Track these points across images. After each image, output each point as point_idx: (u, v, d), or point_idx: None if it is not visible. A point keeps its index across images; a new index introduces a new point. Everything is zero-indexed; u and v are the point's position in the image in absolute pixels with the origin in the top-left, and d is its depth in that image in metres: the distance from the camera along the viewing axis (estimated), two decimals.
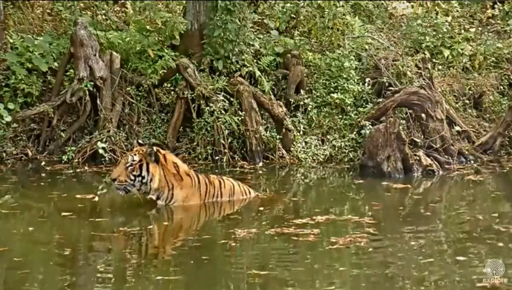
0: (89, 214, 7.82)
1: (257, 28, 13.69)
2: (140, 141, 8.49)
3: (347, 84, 12.49)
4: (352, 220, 7.61)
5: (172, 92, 12.17)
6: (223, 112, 11.50)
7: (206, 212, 8.10)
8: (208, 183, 8.23)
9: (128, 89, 11.83)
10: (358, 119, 11.91)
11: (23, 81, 11.29)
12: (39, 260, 6.34)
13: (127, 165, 7.83)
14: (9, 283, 5.63)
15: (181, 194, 8.00)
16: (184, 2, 13.72)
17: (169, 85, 12.29)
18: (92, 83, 11.32)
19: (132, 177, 7.80)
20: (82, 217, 7.68)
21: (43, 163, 10.84)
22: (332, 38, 13.74)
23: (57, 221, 7.63)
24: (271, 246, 6.76)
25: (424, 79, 12.33)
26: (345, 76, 12.58)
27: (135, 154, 7.90)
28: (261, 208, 8.26)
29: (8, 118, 10.96)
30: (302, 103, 12.29)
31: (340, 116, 12.25)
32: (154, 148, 8.04)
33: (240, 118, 11.50)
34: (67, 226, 7.47)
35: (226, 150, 11.34)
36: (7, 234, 7.15)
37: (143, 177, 7.83)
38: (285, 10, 14.17)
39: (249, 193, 8.64)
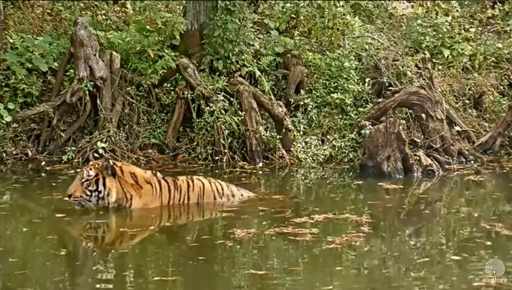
0: (88, 215, 7.79)
1: (257, 28, 13.69)
2: (96, 155, 8.35)
3: (347, 84, 12.49)
4: (351, 220, 7.61)
5: (172, 92, 12.18)
6: (223, 112, 11.50)
7: (205, 213, 8.10)
8: (173, 189, 8.05)
9: (128, 89, 11.84)
10: (358, 119, 11.90)
11: (23, 81, 11.30)
12: (36, 261, 6.33)
13: (83, 180, 7.66)
14: (7, 283, 5.63)
15: (140, 202, 7.84)
16: (184, 2, 13.72)
17: (169, 85, 12.30)
18: (92, 83, 11.33)
19: (88, 193, 7.64)
20: (81, 218, 7.67)
21: (43, 163, 10.84)
22: (332, 38, 13.75)
23: (55, 222, 7.60)
24: (269, 246, 6.77)
25: (424, 79, 12.34)
26: (345, 76, 12.58)
27: (91, 169, 7.71)
28: (261, 208, 8.25)
29: (8, 118, 10.96)
30: (302, 103, 12.29)
31: (340, 116, 12.26)
32: (111, 161, 7.88)
33: (240, 118, 11.50)
34: (66, 227, 7.47)
35: (226, 150, 11.34)
36: (3, 235, 7.14)
37: (100, 192, 7.67)
38: (285, 10, 14.18)
39: (232, 195, 8.38)
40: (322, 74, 12.89)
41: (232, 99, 11.65)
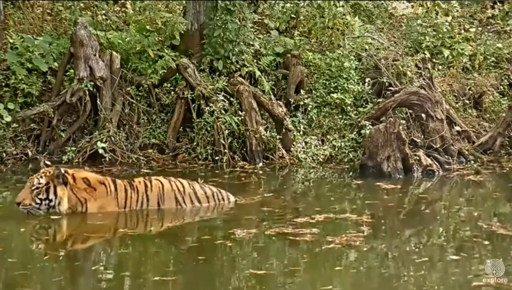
0: (88, 216, 7.78)
1: (257, 28, 13.69)
2: (47, 162, 8.19)
3: (347, 84, 12.50)
4: (351, 220, 7.62)
5: (172, 92, 12.17)
6: (223, 112, 11.50)
7: (205, 214, 8.09)
8: (129, 189, 7.84)
9: (128, 89, 11.84)
10: (358, 119, 11.91)
11: (23, 81, 11.29)
12: (35, 261, 6.32)
13: (33, 188, 7.45)
14: (7, 283, 5.63)
15: (95, 205, 7.66)
16: (184, 2, 13.72)
17: (169, 85, 12.29)
18: (92, 83, 11.33)
19: (38, 201, 7.45)
20: (80, 219, 7.64)
21: (43, 163, 10.82)
22: (332, 38, 13.75)
23: (54, 222, 7.57)
24: (270, 246, 6.77)
25: (424, 79, 12.34)
26: (345, 76, 12.58)
27: (42, 177, 7.51)
28: (264, 208, 8.24)
29: (8, 118, 10.95)
30: (302, 103, 12.29)
31: (340, 116, 12.26)
32: (62, 169, 7.68)
33: (240, 118, 11.50)
34: (65, 228, 7.45)
35: (226, 150, 11.33)
36: (2, 235, 7.13)
37: (50, 201, 7.48)
38: (285, 10, 14.18)
39: (194, 193, 8.08)
40: (322, 74, 12.89)
41: (232, 99, 11.65)
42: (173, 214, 7.90)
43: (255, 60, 12.78)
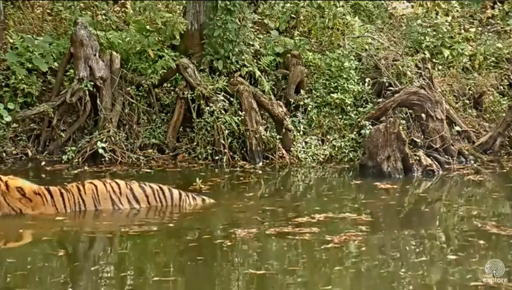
0: (85, 216, 7.77)
1: (257, 28, 13.70)
2: None
3: (347, 84, 12.49)
4: (351, 219, 7.63)
5: (172, 92, 12.18)
6: (223, 112, 11.50)
7: (205, 213, 8.09)
8: (65, 192, 7.81)
9: (128, 89, 11.84)
10: (358, 119, 11.91)
11: (23, 81, 11.30)
12: (34, 261, 6.32)
13: None
14: (7, 284, 5.63)
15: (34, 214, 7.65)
16: (184, 2, 13.73)
17: (169, 85, 12.30)
18: (92, 83, 11.33)
19: None
20: (78, 218, 7.64)
21: (43, 163, 10.84)
22: (332, 38, 13.75)
23: (53, 223, 7.57)
24: (270, 245, 6.77)
25: (424, 79, 12.34)
26: (345, 76, 12.58)
27: None
28: (264, 208, 8.24)
29: (8, 118, 10.96)
30: (302, 103, 12.29)
31: (340, 116, 12.26)
32: None
33: (240, 118, 11.49)
34: (63, 228, 7.44)
35: (226, 150, 11.34)
36: (1, 235, 7.12)
37: None
38: (285, 10, 14.19)
39: (131, 192, 7.98)
40: (322, 74, 12.89)
41: (232, 99, 11.65)
42: (174, 215, 7.90)
43: (255, 60, 12.79)
